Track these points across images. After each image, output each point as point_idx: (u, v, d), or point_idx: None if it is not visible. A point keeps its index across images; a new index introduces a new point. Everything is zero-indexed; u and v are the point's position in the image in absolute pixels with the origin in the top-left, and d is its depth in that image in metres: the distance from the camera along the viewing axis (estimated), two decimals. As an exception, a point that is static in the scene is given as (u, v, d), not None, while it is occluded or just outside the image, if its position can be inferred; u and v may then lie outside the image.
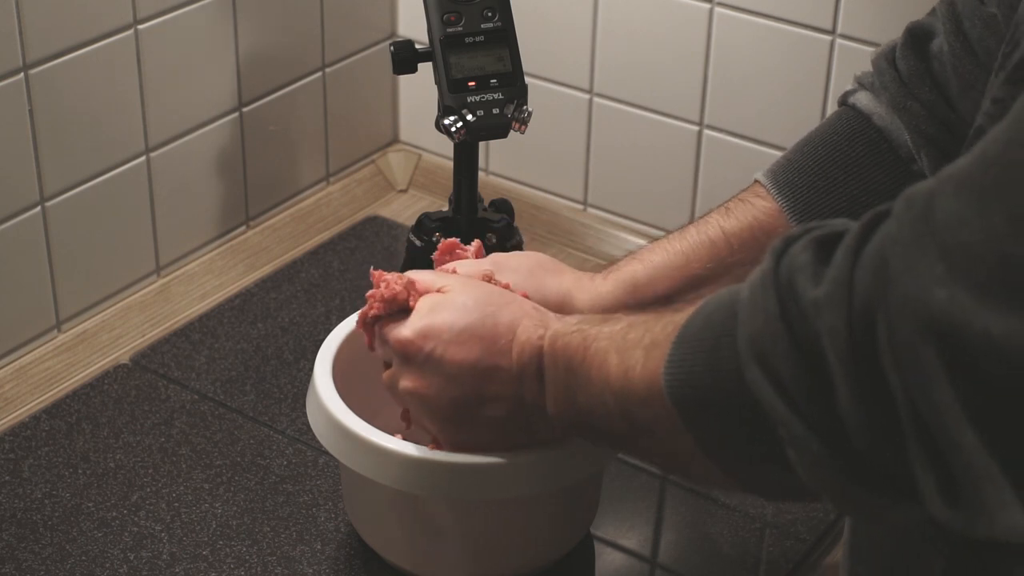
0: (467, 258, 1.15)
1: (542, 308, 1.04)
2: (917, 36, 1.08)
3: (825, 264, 0.74)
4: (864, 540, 0.98)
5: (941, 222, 0.68)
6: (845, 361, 0.71)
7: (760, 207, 1.13)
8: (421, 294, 1.04)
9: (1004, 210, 0.66)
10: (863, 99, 1.12)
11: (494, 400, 1.01)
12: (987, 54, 1.00)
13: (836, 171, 1.11)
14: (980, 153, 0.69)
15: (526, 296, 1.08)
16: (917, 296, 0.67)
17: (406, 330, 1.02)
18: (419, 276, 1.07)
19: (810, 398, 0.73)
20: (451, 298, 1.03)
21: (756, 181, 1.15)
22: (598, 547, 1.22)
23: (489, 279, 1.09)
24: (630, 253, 1.17)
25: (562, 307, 1.10)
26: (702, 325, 0.82)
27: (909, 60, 1.07)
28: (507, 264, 1.13)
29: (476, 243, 1.16)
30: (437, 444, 1.08)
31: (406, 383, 1.03)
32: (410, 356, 1.02)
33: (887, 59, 1.10)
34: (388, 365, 1.07)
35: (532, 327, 1.00)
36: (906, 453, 0.70)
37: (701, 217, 1.16)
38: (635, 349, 0.88)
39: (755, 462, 0.80)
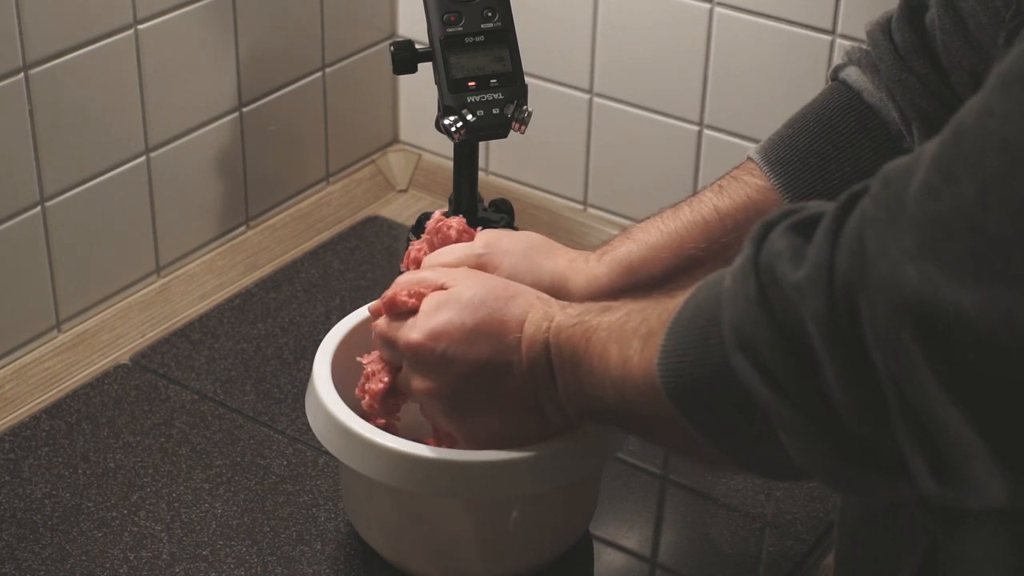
0: (451, 237, 1.14)
1: (546, 297, 1.04)
2: (912, 8, 1.06)
3: (804, 248, 0.74)
4: (850, 519, 0.99)
5: (913, 195, 0.68)
6: (830, 343, 0.71)
7: (753, 185, 1.12)
8: (424, 294, 1.04)
9: (975, 180, 0.65)
10: (853, 74, 1.11)
11: (506, 395, 1.01)
12: (979, 29, 0.98)
13: (828, 148, 1.10)
14: (954, 125, 0.68)
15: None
16: (890, 277, 0.68)
17: (415, 333, 1.02)
18: (420, 275, 1.06)
19: (796, 381, 0.73)
20: (456, 293, 1.02)
21: (749, 158, 1.14)
22: (598, 547, 1.22)
23: (482, 266, 1.09)
24: (623, 230, 1.16)
25: (557, 289, 1.10)
26: (692, 314, 0.83)
27: (905, 32, 1.06)
28: (500, 246, 1.12)
29: (458, 219, 1.15)
30: (437, 440, 1.09)
31: (419, 384, 1.03)
32: (421, 358, 1.02)
33: (883, 31, 1.08)
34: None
35: (538, 320, 1.00)
36: (894, 432, 0.70)
37: (694, 195, 1.15)
38: (633, 339, 0.89)
39: (754, 446, 0.81)
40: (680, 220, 1.13)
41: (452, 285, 1.04)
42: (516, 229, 1.37)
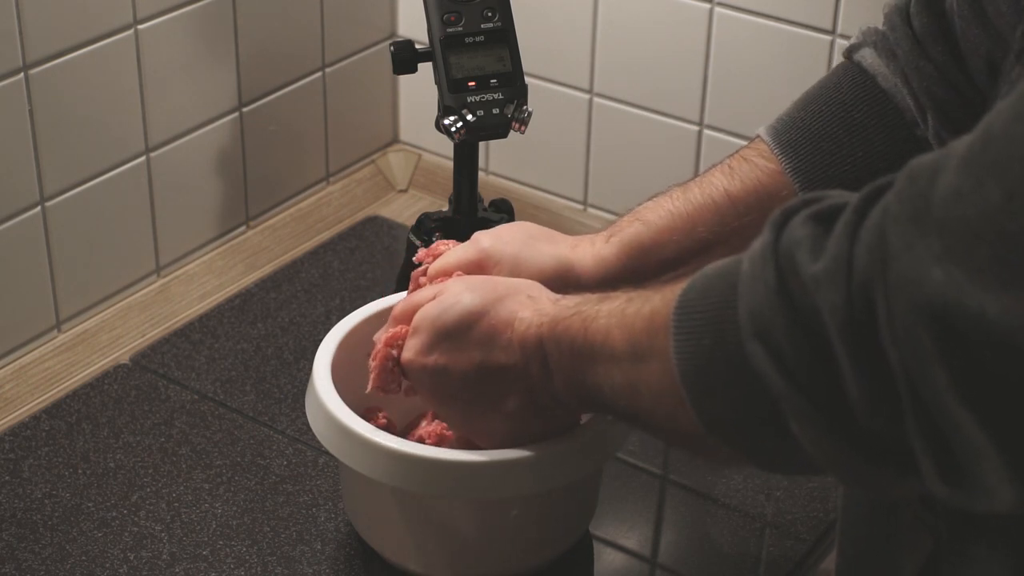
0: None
1: (538, 291, 1.02)
2: None
3: (824, 238, 0.73)
4: (852, 518, 0.99)
5: (940, 198, 0.68)
6: (846, 336, 0.71)
7: (764, 168, 1.10)
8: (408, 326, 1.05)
9: (1003, 185, 0.65)
10: (868, 57, 1.09)
11: (505, 396, 1.01)
12: (998, 16, 0.97)
13: (840, 132, 1.09)
14: (984, 128, 0.68)
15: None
16: (914, 276, 0.67)
17: (407, 351, 1.04)
18: (412, 298, 1.06)
19: (811, 372, 0.73)
20: (445, 299, 1.02)
21: (758, 136, 1.12)
22: (598, 547, 1.22)
23: (483, 261, 1.09)
24: (630, 211, 1.14)
25: (562, 275, 1.09)
26: (700, 294, 0.82)
27: (924, 17, 1.04)
28: (499, 238, 1.11)
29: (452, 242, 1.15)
30: (459, 444, 1.09)
31: (425, 397, 1.05)
32: (416, 374, 1.04)
33: (901, 14, 1.06)
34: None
35: (530, 317, 0.99)
36: (906, 429, 0.70)
37: (703, 174, 1.13)
38: (636, 320, 0.88)
39: (760, 434, 0.80)
40: (691, 202, 1.11)
41: (444, 291, 1.03)
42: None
